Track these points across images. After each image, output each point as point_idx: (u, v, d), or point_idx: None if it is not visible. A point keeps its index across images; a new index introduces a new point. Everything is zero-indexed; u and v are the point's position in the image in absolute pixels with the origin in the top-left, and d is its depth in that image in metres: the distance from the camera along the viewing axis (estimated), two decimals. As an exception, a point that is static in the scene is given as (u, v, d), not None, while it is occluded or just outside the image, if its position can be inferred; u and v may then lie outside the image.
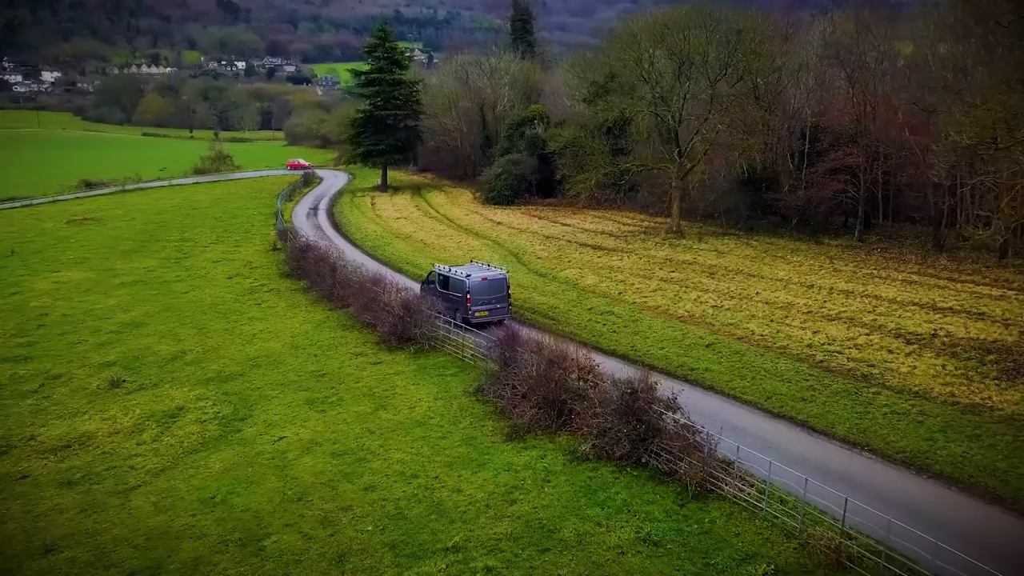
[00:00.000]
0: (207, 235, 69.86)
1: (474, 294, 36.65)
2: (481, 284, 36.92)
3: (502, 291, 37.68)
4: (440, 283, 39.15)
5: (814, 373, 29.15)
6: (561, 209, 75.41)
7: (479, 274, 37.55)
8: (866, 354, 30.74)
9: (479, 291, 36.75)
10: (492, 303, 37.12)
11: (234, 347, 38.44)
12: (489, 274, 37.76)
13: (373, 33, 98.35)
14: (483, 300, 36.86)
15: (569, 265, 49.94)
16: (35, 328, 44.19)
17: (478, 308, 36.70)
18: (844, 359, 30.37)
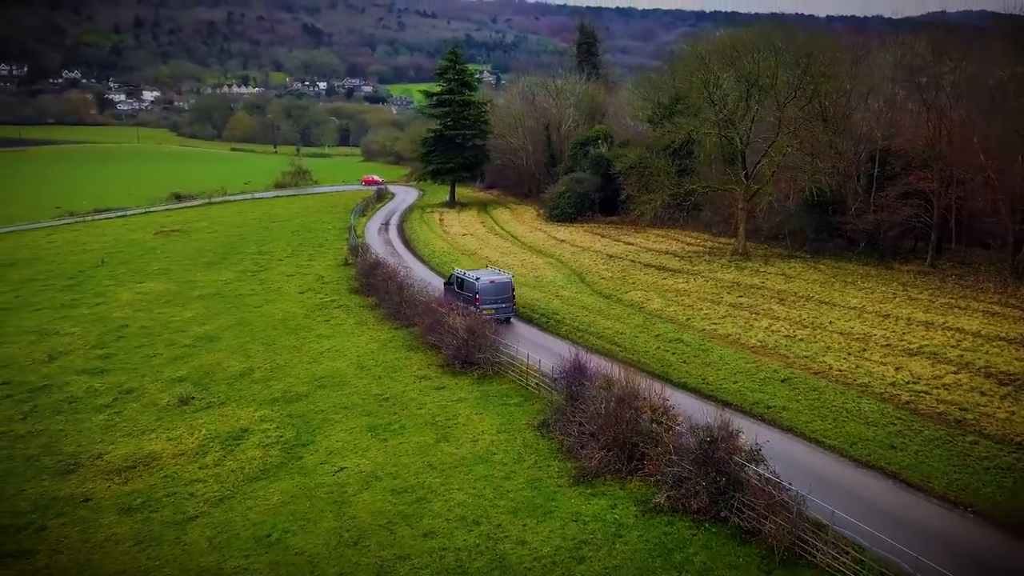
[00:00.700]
0: (283, 248, 68.93)
1: (483, 295, 39.43)
2: (489, 286, 39.80)
3: (507, 293, 40.42)
4: (457, 284, 42.26)
5: (901, 416, 25.78)
6: (623, 227, 72.45)
7: (488, 278, 40.55)
8: (956, 395, 27.23)
9: (487, 292, 39.60)
10: (498, 303, 39.93)
11: (301, 366, 36.65)
12: (497, 278, 40.65)
13: (444, 56, 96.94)
14: (490, 300, 39.57)
15: (634, 287, 47.04)
16: (115, 340, 43.24)
17: (486, 307, 39.11)
18: (932, 400, 26.91)
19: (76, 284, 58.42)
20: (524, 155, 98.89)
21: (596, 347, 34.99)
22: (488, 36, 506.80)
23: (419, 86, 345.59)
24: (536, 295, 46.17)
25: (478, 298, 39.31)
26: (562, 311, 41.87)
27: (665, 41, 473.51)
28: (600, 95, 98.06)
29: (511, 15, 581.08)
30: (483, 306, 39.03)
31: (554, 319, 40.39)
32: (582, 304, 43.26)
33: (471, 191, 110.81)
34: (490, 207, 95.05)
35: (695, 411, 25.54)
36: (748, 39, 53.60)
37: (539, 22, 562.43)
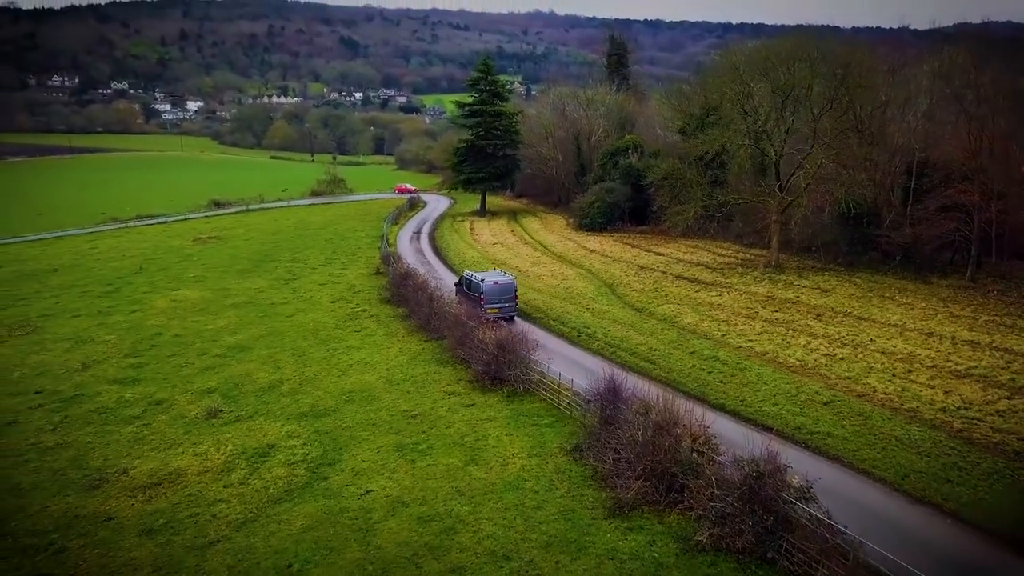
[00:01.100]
0: (316, 256, 67.96)
1: (487, 295, 40.98)
2: (493, 287, 41.35)
3: (510, 294, 41.90)
4: (466, 285, 44.00)
5: (955, 446, 23.72)
6: (653, 237, 70.50)
7: (492, 279, 42.11)
8: (1013, 424, 25.10)
9: (491, 293, 41.13)
10: (502, 303, 41.37)
11: (330, 378, 35.35)
12: (501, 280, 42.28)
13: (477, 67, 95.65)
14: (494, 300, 41.09)
15: (666, 300, 45.17)
16: (148, 348, 42.32)
17: (490, 306, 40.72)
18: (987, 428, 24.81)
19: (114, 291, 57.85)
20: (554, 164, 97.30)
21: (629, 364, 33.20)
22: (519, 48, 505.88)
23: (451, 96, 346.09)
24: (567, 308, 44.50)
25: (483, 298, 40.99)
26: (593, 325, 40.13)
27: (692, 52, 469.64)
28: (630, 105, 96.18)
29: (542, 27, 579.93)
30: (487, 305, 40.74)
31: (585, 333, 38.66)
32: (614, 318, 41.47)
33: (501, 199, 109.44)
34: (520, 216, 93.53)
35: (734, 435, 23.85)
36: (783, 49, 51.49)
37: (568, 34, 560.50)
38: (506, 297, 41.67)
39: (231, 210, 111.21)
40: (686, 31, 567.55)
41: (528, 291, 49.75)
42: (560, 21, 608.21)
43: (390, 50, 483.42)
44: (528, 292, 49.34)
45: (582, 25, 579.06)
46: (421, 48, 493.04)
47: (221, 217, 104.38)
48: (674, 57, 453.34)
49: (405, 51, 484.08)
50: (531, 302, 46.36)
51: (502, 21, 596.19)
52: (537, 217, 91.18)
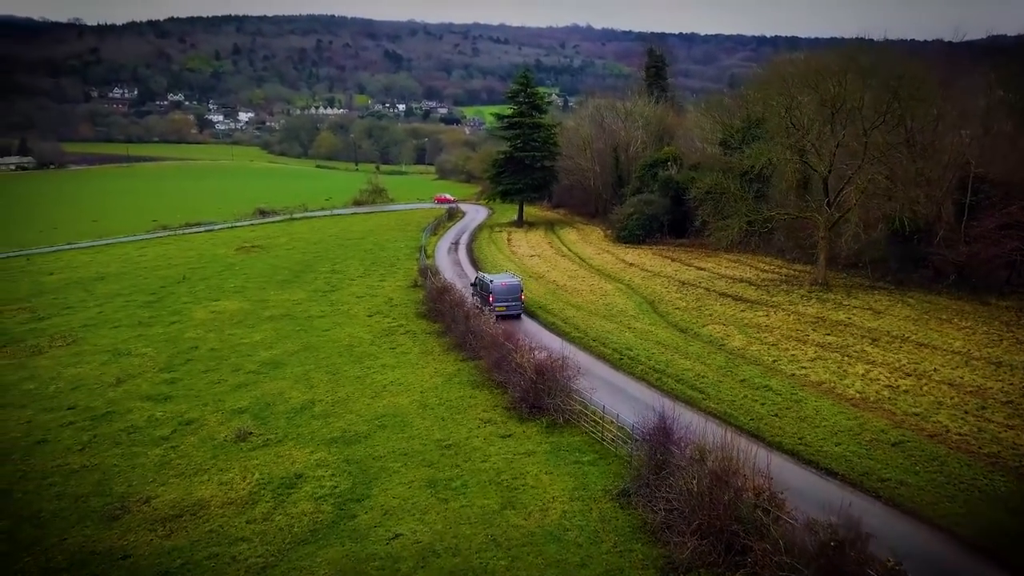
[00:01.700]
0: (356, 267, 66.06)
1: (496, 294, 44.50)
2: (501, 288, 44.78)
3: (516, 294, 45.13)
4: (479, 286, 47.48)
5: (1048, 501, 20.59)
6: (694, 251, 67.29)
7: (501, 280, 45.62)
8: (1112, 474, 21.83)
9: (499, 292, 44.59)
10: (509, 301, 44.65)
11: (363, 400, 33.08)
12: (508, 281, 45.84)
13: (516, 80, 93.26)
14: (502, 299, 44.44)
15: (711, 319, 42.12)
16: (183, 363, 40.56)
17: (498, 304, 44.27)
18: (1082, 480, 21.60)
19: (156, 300, 56.53)
20: (592, 176, 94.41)
21: (676, 392, 30.39)
22: (557, 61, 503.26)
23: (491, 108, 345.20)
24: (607, 327, 41.70)
25: (492, 297, 44.42)
26: (636, 346, 37.30)
27: (726, 65, 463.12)
28: (669, 117, 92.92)
29: (579, 41, 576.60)
30: (496, 304, 44.31)
31: (628, 356, 35.83)
32: (657, 339, 38.58)
33: (538, 210, 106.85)
34: (557, 227, 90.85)
35: (795, 479, 21.04)
36: (833, 61, 48.13)
37: (605, 47, 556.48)
38: (513, 296, 44.97)
39: (275, 218, 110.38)
40: (720, 44, 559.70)
41: (566, 307, 47.08)
42: (597, 35, 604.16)
43: (432, 63, 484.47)
44: (566, 309, 46.68)
45: (618, 39, 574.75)
46: (462, 61, 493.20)
47: (265, 225, 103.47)
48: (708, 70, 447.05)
49: (447, 64, 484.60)
50: (570, 320, 43.68)
51: (541, 35, 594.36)
52: (574, 228, 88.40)
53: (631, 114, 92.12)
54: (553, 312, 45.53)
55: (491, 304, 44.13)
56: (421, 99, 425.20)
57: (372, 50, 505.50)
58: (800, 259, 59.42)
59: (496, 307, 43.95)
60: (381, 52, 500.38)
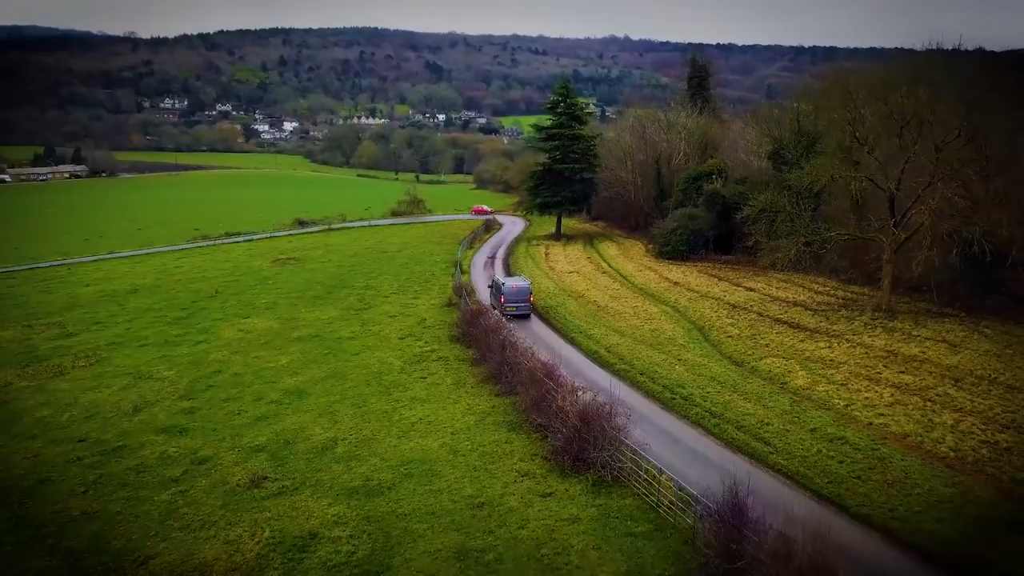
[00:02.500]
0: (390, 283, 62.97)
1: (507, 296, 48.03)
2: (512, 290, 48.37)
3: (525, 295, 48.60)
4: (494, 287, 51.22)
5: None
6: (741, 269, 62.87)
7: (512, 283, 49.46)
8: None
9: (510, 293, 48.15)
10: (518, 302, 48.10)
11: (389, 440, 29.67)
12: (519, 284, 49.59)
13: (555, 90, 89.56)
14: (512, 299, 47.95)
15: (768, 351, 37.92)
16: (204, 389, 37.64)
17: (509, 304, 47.63)
18: None
19: (185, 317, 54.04)
20: (633, 188, 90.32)
21: (738, 444, 26.40)
22: (594, 71, 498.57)
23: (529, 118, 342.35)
24: (655, 358, 37.75)
25: (503, 298, 47.89)
26: (688, 383, 33.30)
27: (764, 75, 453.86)
28: (713, 129, 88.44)
29: (617, 52, 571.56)
30: (507, 304, 47.69)
31: (680, 395, 31.85)
32: (711, 374, 34.54)
33: (577, 222, 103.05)
34: (596, 240, 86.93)
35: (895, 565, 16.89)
36: (902, 71, 43.62)
37: (642, 58, 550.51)
38: (522, 297, 48.46)
39: (313, 229, 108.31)
40: (758, 54, 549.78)
41: (609, 333, 43.20)
42: (634, 45, 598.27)
43: (472, 74, 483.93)
44: (609, 335, 42.79)
45: (656, 49, 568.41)
46: (501, 72, 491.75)
47: (303, 236, 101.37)
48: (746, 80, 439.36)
49: (486, 75, 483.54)
50: (614, 348, 39.79)
51: (579, 46, 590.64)
52: (614, 242, 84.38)
53: (673, 125, 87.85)
54: (595, 339, 41.71)
55: (502, 304, 47.76)
56: (461, 109, 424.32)
57: (413, 61, 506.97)
58: (856, 280, 54.75)
59: (507, 307, 47.50)
60: (422, 63, 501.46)
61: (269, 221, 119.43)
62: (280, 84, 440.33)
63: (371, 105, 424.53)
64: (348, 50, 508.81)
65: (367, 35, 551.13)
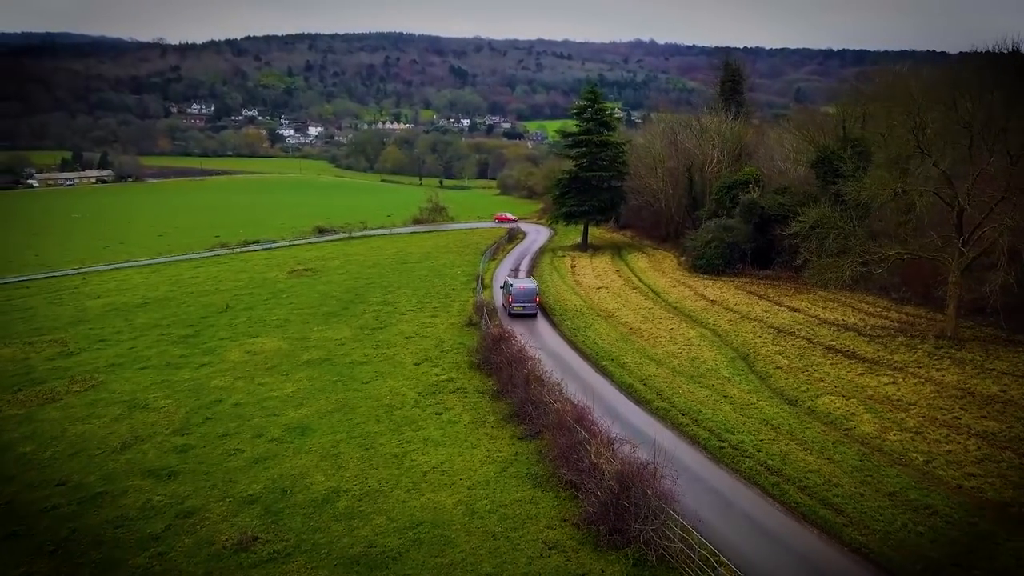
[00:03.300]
0: (408, 299, 59.49)
1: (514, 296, 51.04)
2: (520, 291, 51.10)
3: (532, 297, 51.22)
4: (505, 287, 53.62)
5: None
6: (781, 286, 58.54)
7: (520, 284, 52.07)
8: None
9: (518, 294, 51.00)
10: (525, 303, 50.94)
11: (398, 493, 26.03)
12: (526, 285, 52.17)
13: (582, 95, 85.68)
14: (520, 300, 50.86)
15: (824, 386, 33.73)
16: (201, 422, 34.33)
17: (516, 304, 50.75)
18: None
19: (192, 335, 50.97)
20: (663, 197, 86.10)
21: (804, 510, 22.36)
22: (620, 75, 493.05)
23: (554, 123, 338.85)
24: (698, 393, 33.74)
25: (511, 298, 51.14)
26: (738, 427, 29.26)
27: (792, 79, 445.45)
28: (748, 135, 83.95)
29: (642, 56, 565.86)
30: (515, 304, 50.92)
31: (730, 443, 27.79)
32: (762, 415, 30.47)
33: (604, 231, 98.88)
34: (625, 251, 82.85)
35: None
36: (970, 74, 39.20)
37: (668, 62, 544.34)
38: (528, 299, 51.23)
39: (333, 237, 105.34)
40: (786, 58, 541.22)
41: (644, 362, 39.19)
42: (660, 49, 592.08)
43: (497, 78, 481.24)
44: (645, 364, 38.80)
45: (682, 53, 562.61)
46: (526, 76, 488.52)
47: (323, 244, 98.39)
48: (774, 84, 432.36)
49: (511, 79, 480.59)
50: (651, 381, 35.80)
51: (604, 50, 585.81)
52: (644, 254, 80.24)
53: (707, 131, 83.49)
54: (629, 369, 37.75)
55: (510, 303, 51.22)
56: (485, 114, 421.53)
57: (438, 66, 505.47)
58: (909, 299, 50.31)
59: (514, 306, 50.93)
60: (447, 68, 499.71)
61: (290, 228, 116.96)
62: (306, 89, 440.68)
63: (396, 110, 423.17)
64: (373, 55, 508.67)
65: (392, 40, 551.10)
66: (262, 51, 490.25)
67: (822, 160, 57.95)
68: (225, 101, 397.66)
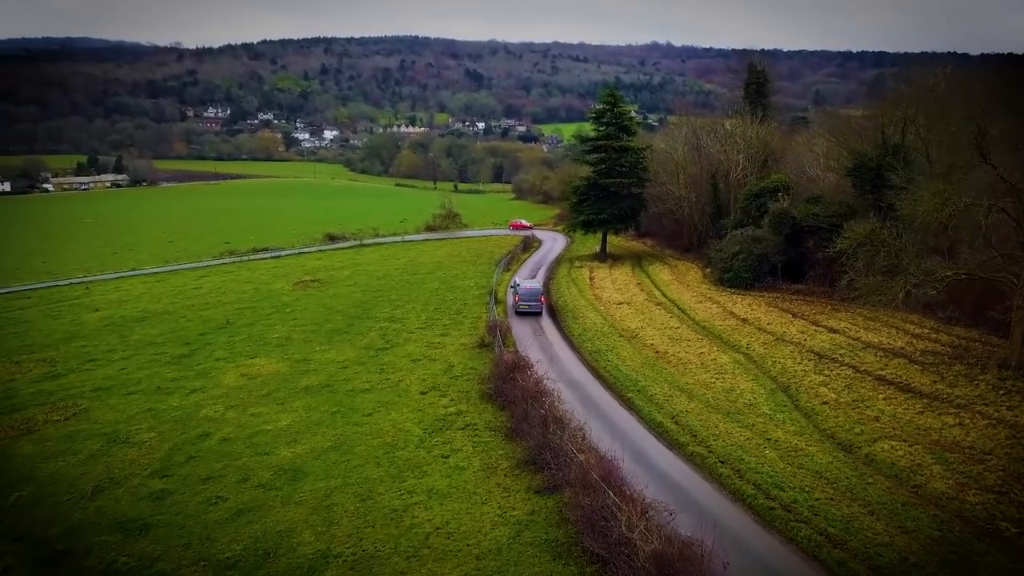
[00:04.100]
0: (417, 315, 55.97)
1: (521, 295, 54.24)
2: (525, 291, 54.40)
3: (537, 296, 54.24)
4: (513, 287, 57.45)
5: None
6: (815, 301, 54.42)
7: (526, 285, 55.75)
8: None
9: (524, 294, 54.21)
10: (531, 302, 53.86)
11: (395, 560, 22.35)
12: (532, 286, 55.83)
13: (601, 98, 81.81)
14: (525, 299, 53.91)
15: (880, 428, 29.71)
16: (184, 461, 30.92)
17: (522, 303, 53.88)
18: None
19: (188, 354, 47.75)
20: (687, 205, 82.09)
21: None
22: (636, 78, 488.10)
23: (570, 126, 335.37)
24: (737, 434, 29.83)
25: (517, 297, 54.39)
26: (787, 481, 25.31)
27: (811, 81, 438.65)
28: (775, 139, 79.75)
29: (659, 58, 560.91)
30: (521, 302, 53.96)
31: (780, 502, 23.81)
32: (814, 466, 26.49)
33: (623, 239, 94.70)
34: (645, 262, 78.91)
35: None
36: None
37: (685, 64, 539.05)
38: (534, 298, 54.33)
39: (344, 244, 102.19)
40: (804, 60, 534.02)
41: (674, 394, 35.31)
42: (677, 52, 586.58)
43: (512, 81, 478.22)
44: (675, 396, 34.91)
45: (699, 56, 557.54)
46: (542, 79, 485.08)
47: (333, 253, 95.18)
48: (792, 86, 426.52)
49: (526, 82, 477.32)
50: (683, 419, 31.89)
51: (620, 53, 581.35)
52: (666, 265, 76.26)
53: (732, 135, 79.42)
54: (658, 403, 33.91)
55: (517, 302, 54.41)
56: (500, 117, 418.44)
57: (454, 69, 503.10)
58: (958, 320, 46.02)
59: (520, 304, 54.06)
60: (462, 71, 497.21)
61: (300, 234, 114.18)
62: (321, 92, 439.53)
63: (411, 113, 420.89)
64: (389, 58, 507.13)
65: (408, 43, 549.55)
66: (278, 54, 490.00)
67: (860, 168, 53.91)
68: (241, 105, 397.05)
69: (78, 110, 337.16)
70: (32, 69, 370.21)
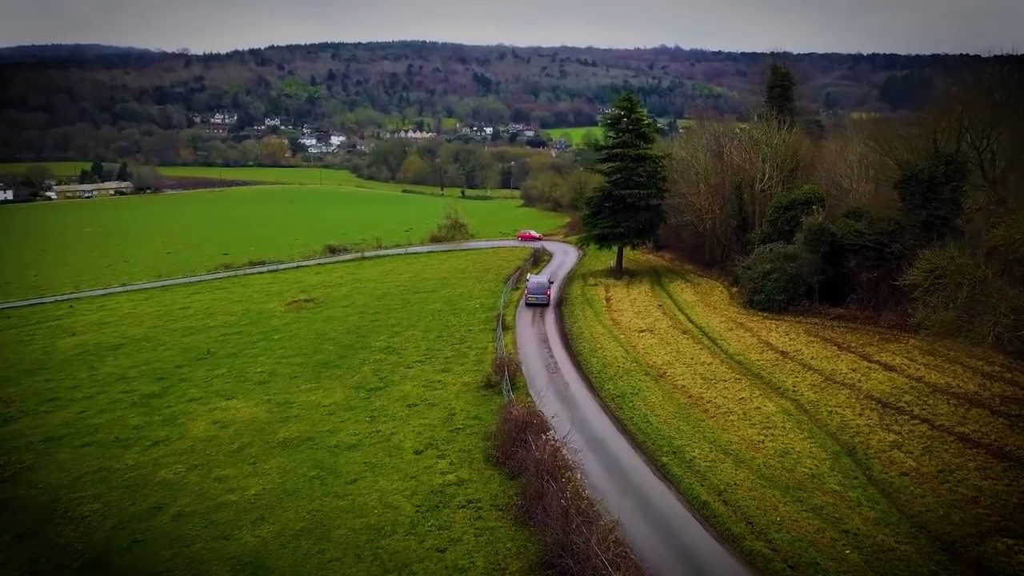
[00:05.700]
0: (416, 344, 50.19)
1: (529, 288, 61.40)
2: (533, 285, 61.35)
3: (544, 290, 60.65)
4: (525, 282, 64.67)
5: None
6: (859, 329, 48.37)
7: (535, 280, 62.91)
8: None
9: (531, 288, 61.20)
10: (538, 295, 60.20)
11: None
12: (539, 280, 62.73)
13: (617, 103, 75.63)
14: (534, 291, 60.57)
15: (983, 514, 23.32)
16: (124, 548, 25.24)
17: (530, 295, 60.55)
18: None
19: (160, 393, 42.21)
20: (708, 217, 75.98)
21: None
22: (644, 81, 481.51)
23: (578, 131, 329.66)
24: (804, 523, 23.72)
25: (527, 290, 61.03)
26: (883, 605, 19.46)
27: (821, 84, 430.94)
28: (804, 147, 73.53)
29: (667, 62, 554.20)
30: (528, 295, 60.47)
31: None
32: (914, 578, 20.59)
33: (639, 253, 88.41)
34: (665, 279, 72.76)
35: None
36: None
37: (694, 68, 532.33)
38: (541, 291, 59.98)
39: (345, 257, 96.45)
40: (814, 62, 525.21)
41: (719, 458, 29.15)
42: (686, 55, 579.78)
43: (520, 86, 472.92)
44: (718, 461, 28.76)
45: (708, 59, 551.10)
46: (550, 83, 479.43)
47: (333, 267, 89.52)
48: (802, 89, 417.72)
49: (534, 87, 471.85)
50: (731, 496, 25.68)
51: (628, 56, 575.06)
52: (688, 282, 70.11)
53: (757, 142, 73.30)
54: (699, 471, 27.83)
55: (525, 295, 60.91)
56: (508, 122, 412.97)
57: (462, 74, 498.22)
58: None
59: (528, 296, 60.23)
60: (470, 76, 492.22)
61: (301, 245, 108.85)
62: (328, 98, 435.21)
63: (418, 118, 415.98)
64: (396, 63, 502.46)
65: (416, 48, 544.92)
66: (285, 60, 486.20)
67: (911, 180, 47.84)
68: (248, 111, 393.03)
69: (85, 116, 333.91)
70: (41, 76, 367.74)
